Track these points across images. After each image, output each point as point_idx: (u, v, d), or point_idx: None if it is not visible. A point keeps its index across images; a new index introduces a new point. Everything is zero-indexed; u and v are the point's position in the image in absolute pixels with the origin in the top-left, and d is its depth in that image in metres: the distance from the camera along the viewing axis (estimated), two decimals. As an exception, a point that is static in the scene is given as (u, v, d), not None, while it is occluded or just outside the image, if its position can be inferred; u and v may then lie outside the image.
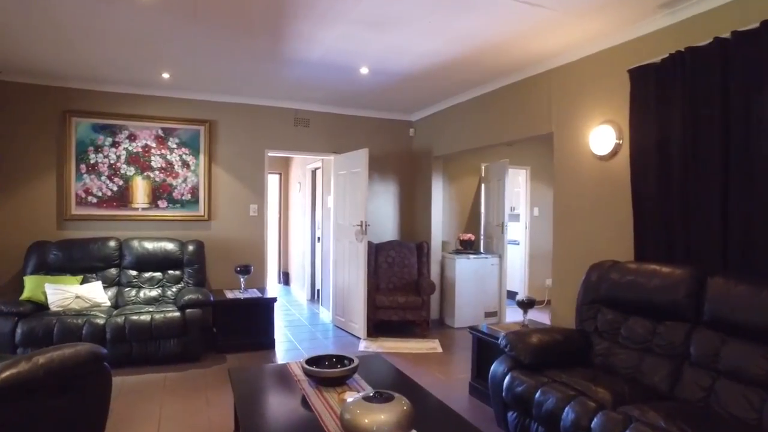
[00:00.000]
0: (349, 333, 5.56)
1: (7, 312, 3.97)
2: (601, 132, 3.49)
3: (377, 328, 5.53)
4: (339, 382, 2.58)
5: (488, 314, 6.10)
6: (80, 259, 4.68)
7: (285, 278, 9.17)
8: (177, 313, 4.33)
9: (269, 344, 4.94)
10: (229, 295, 4.97)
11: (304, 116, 5.88)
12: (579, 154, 3.77)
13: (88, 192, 5.00)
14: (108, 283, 4.74)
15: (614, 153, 3.43)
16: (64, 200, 4.92)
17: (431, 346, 5.08)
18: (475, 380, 3.76)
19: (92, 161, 5.00)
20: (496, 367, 2.94)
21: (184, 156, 5.32)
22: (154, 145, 5.21)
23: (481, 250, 6.55)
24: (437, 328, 5.94)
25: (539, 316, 5.38)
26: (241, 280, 5.13)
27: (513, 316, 6.32)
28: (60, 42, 3.76)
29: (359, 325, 5.37)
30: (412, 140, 6.47)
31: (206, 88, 5.14)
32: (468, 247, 6.22)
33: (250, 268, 5.11)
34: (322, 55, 4.04)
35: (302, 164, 8.02)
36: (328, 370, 2.57)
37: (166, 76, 4.64)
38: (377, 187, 6.24)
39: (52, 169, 4.91)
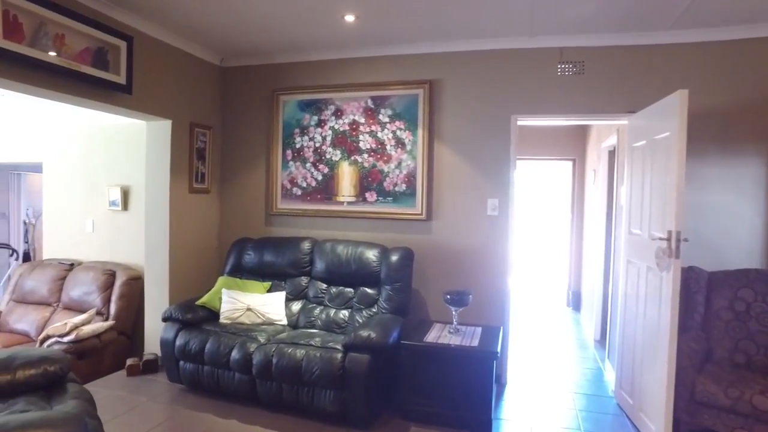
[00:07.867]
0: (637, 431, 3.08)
1: (173, 318, 3.43)
2: None
3: (699, 438, 2.87)
4: None
5: None
6: (270, 263, 3.89)
7: (576, 301, 6.82)
8: (338, 355, 2.97)
9: (482, 425, 3.02)
10: (431, 335, 3.31)
11: (573, 57, 3.65)
12: None
13: (293, 182, 4.23)
14: (295, 295, 3.80)
15: None
16: (271, 192, 4.27)
17: None
18: None
19: (297, 145, 4.20)
20: None
21: (398, 132, 3.95)
22: (362, 120, 4.04)
23: None
24: None
25: None
26: (453, 312, 3.40)
27: None
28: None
29: (657, 428, 2.85)
30: (801, 76, 3.32)
31: (416, 32, 3.60)
32: None
33: (466, 298, 3.33)
34: None
35: (598, 142, 5.59)
36: None
37: (350, 18, 3.34)
38: (711, 170, 3.41)
39: (262, 158, 4.35)
